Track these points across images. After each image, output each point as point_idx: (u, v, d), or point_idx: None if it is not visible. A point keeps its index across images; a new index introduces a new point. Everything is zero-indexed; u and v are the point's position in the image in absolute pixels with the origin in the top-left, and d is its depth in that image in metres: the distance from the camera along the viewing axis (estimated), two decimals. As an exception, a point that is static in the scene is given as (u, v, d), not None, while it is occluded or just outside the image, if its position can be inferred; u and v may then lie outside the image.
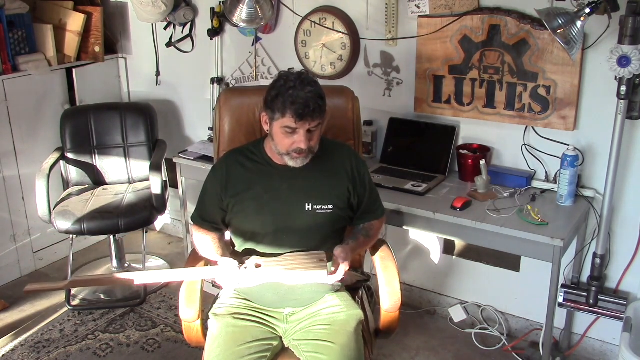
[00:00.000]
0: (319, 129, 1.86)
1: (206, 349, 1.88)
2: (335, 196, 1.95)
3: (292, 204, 1.93)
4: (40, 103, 3.38)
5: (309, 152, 1.87)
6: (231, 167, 1.98)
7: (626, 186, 2.42)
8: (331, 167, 1.98)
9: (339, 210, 1.95)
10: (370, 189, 2.05)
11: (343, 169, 1.98)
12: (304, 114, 1.78)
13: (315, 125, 1.83)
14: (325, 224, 1.94)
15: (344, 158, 2.01)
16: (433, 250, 2.98)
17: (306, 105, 1.77)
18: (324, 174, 1.96)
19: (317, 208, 1.92)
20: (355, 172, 1.99)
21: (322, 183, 1.96)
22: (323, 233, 1.95)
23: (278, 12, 3.06)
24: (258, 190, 1.94)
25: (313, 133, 1.85)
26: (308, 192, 1.93)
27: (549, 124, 2.48)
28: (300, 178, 1.94)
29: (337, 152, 2.02)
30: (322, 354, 1.81)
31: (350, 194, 1.98)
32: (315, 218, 1.92)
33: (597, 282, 2.45)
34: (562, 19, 2.04)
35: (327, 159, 1.98)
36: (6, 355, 2.74)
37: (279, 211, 1.92)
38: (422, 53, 2.68)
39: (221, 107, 2.27)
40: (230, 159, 2.01)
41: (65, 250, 3.46)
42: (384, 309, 1.95)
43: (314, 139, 1.86)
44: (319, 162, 1.95)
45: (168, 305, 3.12)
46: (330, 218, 1.94)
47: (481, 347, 2.78)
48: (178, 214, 3.74)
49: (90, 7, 3.48)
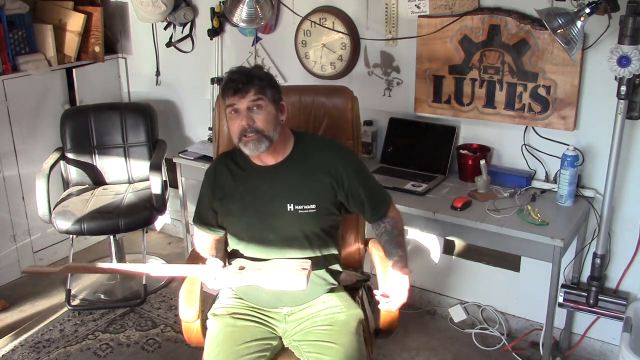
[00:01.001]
0: (263, 110, 1.83)
1: (205, 348, 1.88)
2: (317, 195, 1.91)
3: (274, 205, 1.91)
4: (40, 103, 3.38)
5: (259, 135, 1.83)
6: (219, 170, 2.01)
7: (626, 186, 2.42)
8: (312, 166, 1.93)
9: (323, 210, 1.91)
10: (364, 180, 1.95)
11: (326, 168, 1.91)
12: (236, 88, 1.81)
13: (253, 100, 1.82)
14: (310, 224, 1.92)
15: (326, 155, 1.94)
16: (433, 250, 2.98)
17: (238, 79, 1.82)
18: (305, 173, 1.92)
19: (299, 208, 1.89)
20: (340, 171, 1.91)
21: (303, 183, 1.91)
22: (309, 233, 1.92)
23: (278, 12, 3.06)
24: (242, 192, 1.94)
25: (256, 113, 1.83)
26: (289, 192, 1.91)
27: (549, 124, 2.48)
28: (280, 179, 1.92)
29: (319, 150, 1.96)
30: (324, 354, 1.80)
31: (336, 192, 1.92)
32: (298, 218, 1.90)
33: (597, 282, 2.44)
34: (562, 19, 2.04)
35: (308, 158, 1.94)
36: (6, 355, 2.74)
37: (262, 212, 1.92)
38: (422, 53, 2.68)
39: (221, 107, 2.27)
40: (219, 163, 2.03)
41: (65, 250, 3.46)
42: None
43: (258, 119, 1.83)
44: (300, 162, 1.93)
45: (168, 305, 3.12)
46: (314, 218, 1.91)
47: (481, 347, 2.78)
48: (178, 214, 3.74)
49: (90, 7, 3.48)
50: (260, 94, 1.84)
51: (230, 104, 1.84)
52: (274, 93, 1.88)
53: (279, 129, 1.89)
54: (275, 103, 1.88)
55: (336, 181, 1.91)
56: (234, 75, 1.85)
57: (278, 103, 1.90)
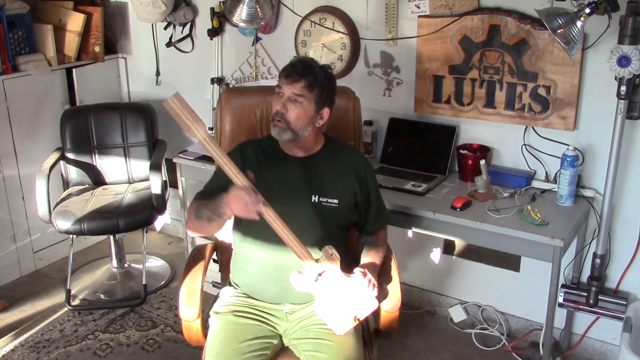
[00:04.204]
0: (301, 106, 1.88)
1: (207, 345, 1.88)
2: (341, 192, 1.98)
3: (298, 194, 1.95)
4: (40, 103, 3.38)
5: (286, 125, 1.89)
6: (245, 153, 2.02)
7: (626, 186, 2.42)
8: (339, 164, 2.02)
9: (344, 206, 1.98)
10: (377, 190, 2.09)
11: (352, 168, 2.02)
12: (289, 73, 1.89)
13: (298, 90, 1.87)
14: (330, 217, 1.96)
15: (354, 158, 2.06)
16: (433, 250, 2.99)
17: (297, 67, 1.90)
18: (332, 169, 2.00)
19: (323, 200, 1.95)
20: (362, 174, 2.03)
21: (330, 177, 1.99)
22: (327, 226, 1.96)
23: (278, 12, 3.06)
24: (267, 178, 1.95)
25: (293, 105, 1.88)
26: (315, 184, 1.96)
27: (549, 124, 2.48)
28: (309, 170, 1.98)
29: (346, 152, 2.09)
30: (321, 352, 1.82)
31: (356, 193, 2.01)
32: (320, 210, 1.94)
33: (597, 282, 2.45)
34: (562, 19, 2.04)
35: (336, 156, 2.04)
36: (6, 355, 2.74)
37: (285, 200, 1.92)
38: (422, 53, 2.68)
39: (222, 107, 2.27)
40: (244, 147, 2.05)
41: (65, 250, 3.46)
42: (384, 309, 1.95)
43: (292, 112, 1.88)
44: (328, 158, 2.01)
45: (168, 305, 3.12)
46: (335, 212, 1.96)
47: (481, 347, 2.78)
48: (178, 214, 3.74)
49: (90, 7, 3.48)
50: (307, 90, 1.89)
51: (279, 85, 1.92)
52: (321, 95, 1.92)
53: (310, 128, 1.94)
54: (317, 104, 1.92)
55: (359, 181, 2.02)
56: (296, 62, 1.93)
57: (321, 106, 1.93)
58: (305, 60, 1.94)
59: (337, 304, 1.79)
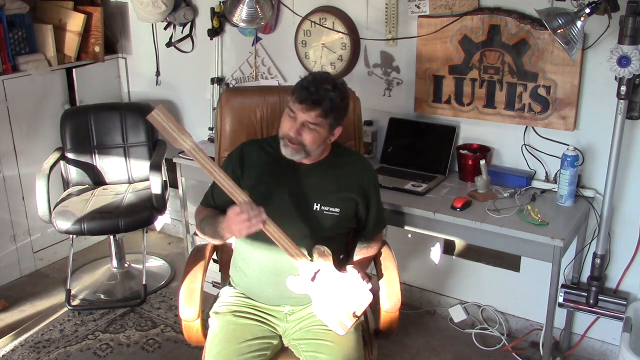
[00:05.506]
0: (317, 129, 1.84)
1: (206, 346, 1.88)
2: (343, 201, 1.95)
3: (300, 200, 1.93)
4: (40, 103, 3.38)
5: (301, 147, 1.85)
6: (246, 153, 2.01)
7: (626, 186, 2.42)
8: (344, 174, 1.99)
9: (345, 215, 1.96)
10: (378, 198, 2.07)
11: (356, 179, 1.99)
12: (304, 98, 1.80)
13: (313, 119, 1.82)
14: (330, 225, 1.94)
15: (359, 169, 2.02)
16: (433, 250, 2.99)
17: (311, 93, 1.80)
18: (336, 178, 1.97)
19: (325, 209, 1.93)
20: (366, 185, 2.00)
21: (333, 186, 1.96)
22: (325, 234, 1.94)
23: (278, 12, 3.06)
24: (268, 181, 1.94)
25: (308, 131, 1.83)
26: (318, 192, 1.94)
27: (549, 124, 2.48)
28: (312, 177, 1.95)
29: (352, 162, 2.03)
30: (321, 353, 1.82)
31: (358, 204, 1.99)
32: (321, 218, 1.93)
33: (597, 282, 2.45)
34: (562, 19, 2.04)
35: (342, 165, 2.00)
36: (6, 355, 2.74)
37: (285, 205, 1.92)
38: (422, 53, 2.68)
39: (222, 107, 2.27)
40: (246, 147, 2.04)
41: (65, 250, 3.46)
42: (384, 310, 1.95)
43: (307, 137, 1.84)
44: (333, 166, 1.98)
45: (168, 305, 3.12)
46: (335, 221, 1.94)
47: (481, 347, 2.78)
48: (178, 214, 3.74)
49: (90, 7, 3.48)
50: (322, 117, 1.83)
51: (290, 107, 1.85)
52: (336, 117, 1.87)
53: (322, 147, 1.93)
54: (330, 127, 1.88)
55: (362, 194, 1.99)
56: (310, 86, 1.82)
57: (334, 127, 1.90)
58: (318, 81, 1.83)
59: (335, 301, 1.79)
